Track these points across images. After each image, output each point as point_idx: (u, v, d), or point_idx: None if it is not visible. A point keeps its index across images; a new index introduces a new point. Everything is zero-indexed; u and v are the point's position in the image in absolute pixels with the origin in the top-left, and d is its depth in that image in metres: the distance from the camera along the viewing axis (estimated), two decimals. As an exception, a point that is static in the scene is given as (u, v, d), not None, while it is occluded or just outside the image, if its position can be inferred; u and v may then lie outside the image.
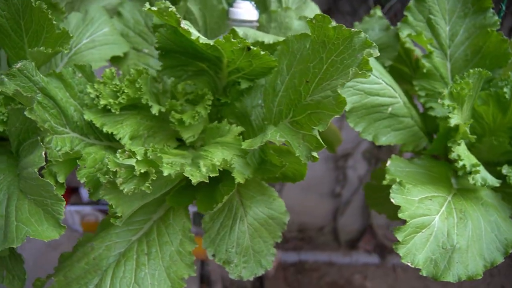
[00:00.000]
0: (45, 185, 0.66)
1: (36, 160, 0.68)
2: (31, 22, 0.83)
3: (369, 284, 2.02)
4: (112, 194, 0.69)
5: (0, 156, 0.86)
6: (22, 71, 0.74)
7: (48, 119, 0.75)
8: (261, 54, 0.78)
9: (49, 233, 0.67)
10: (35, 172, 0.67)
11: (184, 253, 0.84)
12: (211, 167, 0.70)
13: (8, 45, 0.86)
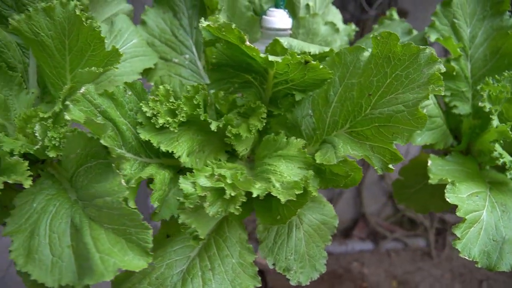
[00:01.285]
0: (131, 214, 0.65)
1: (115, 189, 0.67)
2: (76, 41, 0.79)
3: (366, 271, 2.12)
4: (194, 217, 0.69)
5: (45, 181, 0.83)
6: (85, 95, 0.72)
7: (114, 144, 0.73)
8: (319, 68, 0.80)
9: (137, 263, 0.66)
10: (118, 202, 0.65)
11: (246, 265, 0.86)
12: (287, 183, 0.72)
13: (50, 64, 0.82)
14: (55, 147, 0.78)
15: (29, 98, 0.91)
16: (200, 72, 1.05)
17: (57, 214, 0.76)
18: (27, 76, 0.93)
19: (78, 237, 0.71)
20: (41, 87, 0.95)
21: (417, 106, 0.68)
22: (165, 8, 1.09)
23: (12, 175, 0.73)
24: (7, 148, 0.78)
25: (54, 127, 0.79)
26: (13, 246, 0.72)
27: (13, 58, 0.88)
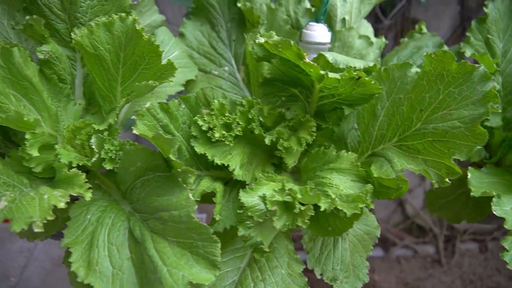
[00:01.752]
0: (200, 228, 0.66)
1: (183, 203, 0.68)
2: (132, 54, 0.80)
3: (377, 278, 2.14)
4: (259, 230, 0.70)
5: (95, 192, 0.83)
6: (150, 110, 0.73)
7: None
8: (370, 83, 0.82)
9: (205, 276, 0.67)
10: (187, 216, 0.66)
11: (295, 275, 0.87)
12: (346, 196, 0.73)
13: (104, 77, 0.83)
14: (111, 159, 0.79)
15: (77, 110, 0.92)
16: (239, 84, 1.07)
17: (114, 226, 0.76)
18: (73, 87, 0.93)
19: (139, 250, 0.72)
20: (87, 98, 0.95)
21: (475, 123, 0.70)
22: (202, 21, 1.11)
23: (75, 188, 0.74)
24: (65, 160, 0.78)
25: (109, 139, 0.80)
26: (72, 258, 0.73)
27: (63, 70, 0.89)
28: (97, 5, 0.88)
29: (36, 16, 0.82)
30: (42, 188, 0.74)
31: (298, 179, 0.92)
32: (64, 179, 0.78)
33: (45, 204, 0.69)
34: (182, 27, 1.08)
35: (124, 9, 0.89)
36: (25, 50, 0.80)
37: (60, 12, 0.87)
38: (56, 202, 0.68)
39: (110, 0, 0.88)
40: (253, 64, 1.00)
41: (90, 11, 0.88)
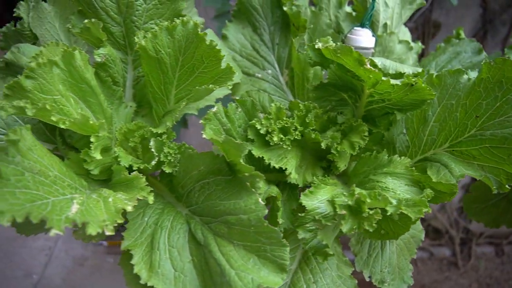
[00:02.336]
0: (270, 232, 0.67)
1: (252, 207, 0.69)
2: (190, 58, 0.81)
3: (395, 276, 2.15)
4: (324, 234, 0.72)
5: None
6: (216, 114, 0.74)
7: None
8: (424, 89, 0.83)
9: (273, 279, 0.68)
10: (258, 220, 0.67)
11: (345, 277, 0.88)
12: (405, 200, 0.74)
13: (161, 80, 0.84)
14: (170, 162, 0.79)
15: (128, 112, 0.93)
16: (282, 87, 1.08)
17: (173, 229, 0.77)
18: (124, 90, 0.94)
19: (201, 253, 0.73)
20: (137, 101, 0.96)
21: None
22: (244, 24, 1.11)
23: (136, 191, 0.74)
24: (126, 163, 0.79)
25: (168, 143, 0.80)
26: (134, 260, 0.74)
27: (117, 73, 0.90)
28: (152, 9, 0.89)
29: (94, 20, 0.82)
30: (104, 191, 0.75)
31: (346, 183, 0.93)
32: (123, 182, 0.79)
33: (112, 207, 0.70)
34: (225, 29, 1.09)
35: (179, 12, 0.90)
36: (86, 54, 0.81)
37: (116, 15, 0.88)
38: (124, 205, 0.69)
39: (165, 4, 0.89)
40: (299, 68, 1.01)
41: (146, 14, 0.89)
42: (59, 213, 0.62)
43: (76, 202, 0.66)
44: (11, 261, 1.97)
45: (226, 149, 0.71)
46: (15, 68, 0.90)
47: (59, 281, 1.91)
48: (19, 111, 0.72)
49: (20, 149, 0.65)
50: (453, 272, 2.15)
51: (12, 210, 0.57)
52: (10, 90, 0.74)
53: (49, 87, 0.76)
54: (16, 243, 2.11)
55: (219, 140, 0.68)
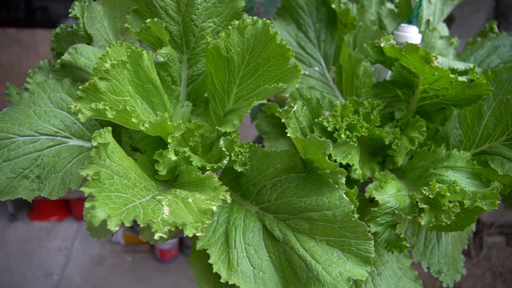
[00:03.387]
0: (355, 226, 0.69)
1: (337, 203, 0.70)
2: (257, 57, 0.81)
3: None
4: (400, 227, 0.73)
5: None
6: (296, 113, 0.74)
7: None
8: (482, 86, 0.85)
9: (358, 271, 0.69)
10: (345, 215, 0.69)
11: (405, 269, 0.90)
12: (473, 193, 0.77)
13: (225, 79, 0.84)
14: (242, 161, 0.80)
15: (185, 111, 0.93)
16: (330, 83, 1.09)
17: (246, 227, 0.78)
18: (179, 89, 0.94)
19: (280, 250, 0.74)
20: (191, 100, 0.96)
21: None
22: (288, 21, 1.12)
23: (215, 191, 0.75)
24: (198, 163, 0.79)
25: (237, 142, 0.81)
26: (212, 259, 0.75)
27: (175, 73, 0.89)
28: (211, 7, 0.89)
29: (157, 19, 0.82)
30: (179, 191, 0.75)
31: (402, 177, 0.95)
32: (193, 182, 0.79)
33: (194, 208, 0.70)
34: (270, 27, 1.09)
35: (237, 11, 0.90)
36: (152, 54, 0.80)
37: (175, 14, 0.88)
38: (208, 206, 0.69)
39: (224, 2, 0.89)
40: (350, 65, 1.02)
41: (204, 13, 0.88)
42: (154, 215, 0.62)
43: (166, 204, 0.66)
44: (30, 262, 1.94)
45: (307, 146, 0.72)
46: (71, 69, 0.89)
47: (80, 280, 1.90)
48: (96, 114, 0.72)
49: (108, 152, 0.65)
50: (466, 262, 2.20)
51: (115, 214, 0.57)
52: (84, 92, 0.73)
53: (120, 89, 0.76)
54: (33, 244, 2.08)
55: (302, 138, 0.69)
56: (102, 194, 0.59)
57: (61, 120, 0.87)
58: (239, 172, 0.83)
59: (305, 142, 0.70)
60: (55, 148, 0.84)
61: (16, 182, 0.80)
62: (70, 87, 0.88)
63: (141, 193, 0.70)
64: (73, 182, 0.81)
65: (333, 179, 0.72)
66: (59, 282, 1.90)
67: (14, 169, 0.80)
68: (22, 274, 1.91)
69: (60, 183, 0.81)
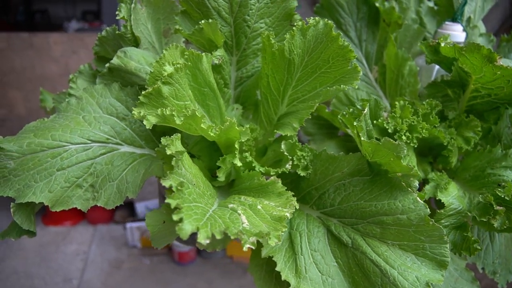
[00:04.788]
0: (431, 230, 0.67)
1: (411, 207, 0.69)
2: (316, 59, 0.80)
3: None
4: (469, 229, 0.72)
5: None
6: (365, 116, 0.73)
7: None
8: (542, 83, 0.84)
9: (434, 276, 0.68)
10: (420, 219, 0.67)
11: (460, 270, 0.90)
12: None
13: (282, 81, 0.82)
14: (304, 165, 0.78)
15: (235, 115, 0.91)
16: (372, 83, 1.07)
17: (311, 233, 0.77)
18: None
19: (350, 255, 0.73)
20: (240, 102, 0.94)
21: None
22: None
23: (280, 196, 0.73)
24: (261, 168, 0.78)
25: (299, 145, 0.79)
26: (279, 266, 0.73)
27: (227, 75, 0.87)
28: (264, 7, 0.87)
29: (212, 20, 0.80)
30: (244, 198, 0.73)
31: (453, 177, 0.94)
32: (255, 187, 0.77)
33: (265, 216, 0.68)
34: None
35: (289, 11, 0.88)
36: (211, 57, 0.78)
37: (227, 15, 0.85)
38: (281, 213, 0.68)
39: (276, 2, 0.87)
40: (395, 64, 1.01)
41: (257, 13, 0.86)
42: (235, 225, 0.60)
43: (242, 213, 0.65)
44: (48, 267, 1.91)
45: (377, 149, 0.70)
46: (120, 73, 0.86)
47: (99, 284, 1.87)
48: (162, 120, 0.69)
49: (183, 161, 0.63)
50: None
51: (202, 226, 0.55)
52: (147, 98, 0.71)
53: (182, 93, 0.74)
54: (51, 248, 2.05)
55: (376, 142, 0.68)
56: (185, 205, 0.57)
57: (111, 126, 0.84)
58: (297, 176, 0.81)
59: (378, 146, 0.69)
60: (107, 156, 0.82)
61: (70, 192, 0.78)
62: (119, 92, 0.85)
63: (209, 201, 0.68)
64: (130, 190, 0.79)
65: (406, 182, 0.70)
66: (78, 287, 1.87)
67: (67, 178, 0.78)
68: (42, 279, 1.89)
69: (116, 191, 0.79)
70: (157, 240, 0.76)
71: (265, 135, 0.90)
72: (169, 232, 0.77)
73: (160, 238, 0.76)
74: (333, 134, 1.05)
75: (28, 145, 0.77)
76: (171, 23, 0.96)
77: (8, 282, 1.86)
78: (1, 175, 0.76)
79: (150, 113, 0.69)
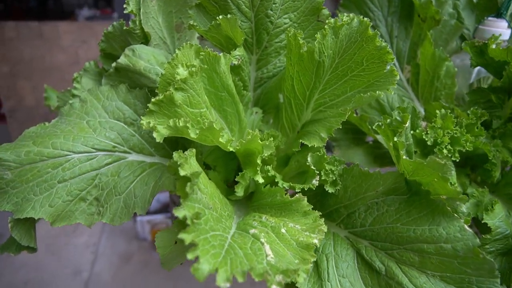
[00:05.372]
0: (481, 263, 0.59)
1: (458, 235, 0.60)
2: (348, 60, 0.71)
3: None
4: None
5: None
6: (406, 129, 0.64)
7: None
8: None
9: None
10: (468, 250, 0.59)
11: None
12: None
13: (309, 85, 0.73)
14: (333, 181, 0.70)
15: (254, 119, 0.82)
16: (403, 84, 0.98)
17: (339, 256, 0.69)
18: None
19: (384, 284, 0.65)
20: (260, 105, 0.85)
21: None
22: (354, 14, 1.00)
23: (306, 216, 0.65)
24: (285, 184, 0.69)
25: (327, 158, 0.71)
26: (304, 293, 0.65)
27: (247, 77, 0.79)
28: (288, 1, 0.77)
29: (231, 16, 0.71)
30: (267, 218, 0.65)
31: (494, 191, 0.85)
32: (277, 204, 0.69)
33: (291, 242, 0.60)
34: (335, 21, 0.98)
35: (316, 5, 0.78)
36: (230, 57, 0.69)
37: (247, 9, 0.76)
38: (308, 240, 0.60)
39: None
40: (432, 65, 0.91)
41: (281, 7, 0.77)
42: (258, 259, 0.52)
43: (266, 241, 0.57)
44: (59, 260, 1.88)
45: (419, 168, 0.62)
46: (128, 74, 0.78)
47: (109, 278, 1.83)
48: (174, 132, 0.61)
49: (198, 184, 0.55)
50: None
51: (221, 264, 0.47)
52: (157, 106, 0.62)
53: (197, 100, 0.65)
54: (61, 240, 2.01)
55: (419, 161, 0.59)
56: (201, 237, 0.49)
57: (118, 132, 0.76)
58: (324, 191, 0.73)
59: (421, 165, 0.60)
60: (113, 166, 0.74)
61: (72, 206, 0.70)
62: (127, 94, 0.77)
63: (227, 223, 0.61)
64: (138, 205, 0.71)
65: (451, 207, 0.62)
66: (88, 279, 1.84)
67: (70, 191, 0.70)
68: (52, 271, 1.85)
69: (122, 206, 0.71)
70: (169, 263, 0.68)
71: (287, 143, 0.81)
72: (182, 252, 0.69)
73: (172, 260, 0.68)
74: (360, 140, 0.96)
75: (27, 154, 0.70)
76: (184, 17, 0.87)
77: (18, 275, 1.83)
78: (-3, 187, 0.69)
79: (161, 123, 0.61)
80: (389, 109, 0.91)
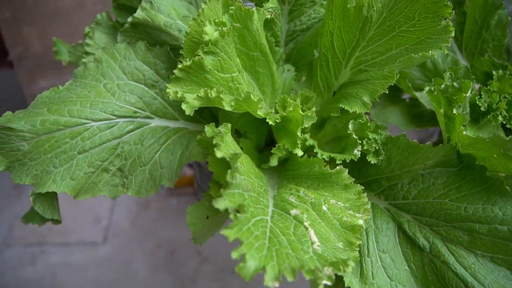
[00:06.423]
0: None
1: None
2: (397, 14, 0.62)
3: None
4: None
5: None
6: (466, 99, 0.57)
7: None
8: None
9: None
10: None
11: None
12: None
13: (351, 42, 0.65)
14: (376, 151, 0.64)
15: (286, 78, 0.75)
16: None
17: (379, 230, 0.65)
18: (280, 50, 0.75)
19: (427, 261, 0.61)
20: (292, 62, 0.77)
21: None
22: None
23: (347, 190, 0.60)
24: (325, 155, 0.64)
25: (371, 126, 0.64)
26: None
27: (279, 31, 0.70)
28: None
29: (263, -38, 0.61)
30: (305, 193, 0.61)
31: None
32: (314, 175, 0.64)
33: (333, 221, 0.56)
34: None
35: None
36: (264, 12, 0.61)
37: (281, -48, 0.66)
38: (353, 221, 0.55)
39: None
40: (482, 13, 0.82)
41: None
42: (303, 247, 0.48)
43: (309, 224, 0.52)
44: (79, 208, 1.90)
45: (478, 143, 0.55)
46: (146, 29, 0.69)
47: (128, 225, 1.87)
48: (206, 102, 0.55)
49: (239, 169, 0.50)
50: None
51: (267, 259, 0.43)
52: (184, 72, 0.56)
53: (229, 63, 0.58)
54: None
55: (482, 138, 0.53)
56: (244, 229, 0.45)
57: (139, 96, 0.70)
58: (364, 160, 0.67)
59: (481, 140, 0.54)
60: (135, 133, 0.69)
61: (95, 178, 0.66)
62: (146, 53, 0.70)
63: (264, 202, 0.56)
64: (165, 177, 0.67)
65: (510, 186, 0.56)
66: (108, 227, 1.87)
67: (91, 162, 0.66)
68: (74, 220, 1.88)
69: (148, 178, 0.67)
70: (200, 238, 0.65)
71: (322, 105, 0.74)
72: (214, 226, 0.66)
73: (204, 235, 0.65)
74: (396, 97, 0.88)
75: (42, 124, 0.64)
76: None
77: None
78: (14, 159, 0.64)
79: (189, 91, 0.55)
80: (430, 64, 0.82)
